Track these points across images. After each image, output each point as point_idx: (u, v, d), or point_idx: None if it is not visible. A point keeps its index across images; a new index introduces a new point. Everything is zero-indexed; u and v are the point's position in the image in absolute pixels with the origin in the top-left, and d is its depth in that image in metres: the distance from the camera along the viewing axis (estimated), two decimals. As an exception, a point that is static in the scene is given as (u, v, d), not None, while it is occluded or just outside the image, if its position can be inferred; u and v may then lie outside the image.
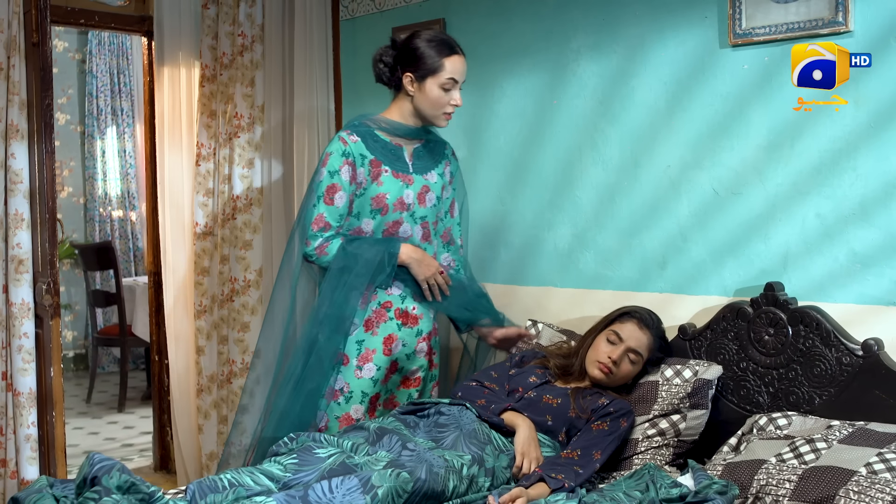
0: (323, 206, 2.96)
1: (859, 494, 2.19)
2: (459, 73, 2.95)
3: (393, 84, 3.03)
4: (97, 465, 2.09)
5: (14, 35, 3.57)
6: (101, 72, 7.25)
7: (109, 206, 7.34)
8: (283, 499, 2.13)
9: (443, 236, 3.20)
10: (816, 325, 2.66)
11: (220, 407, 4.21)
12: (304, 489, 2.18)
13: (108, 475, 2.05)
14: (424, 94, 2.95)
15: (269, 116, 4.14)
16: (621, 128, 3.16)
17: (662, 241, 3.08)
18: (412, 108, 3.01)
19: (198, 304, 4.18)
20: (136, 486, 2.05)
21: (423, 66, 2.93)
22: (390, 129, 3.04)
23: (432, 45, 2.94)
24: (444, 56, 2.93)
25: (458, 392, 2.91)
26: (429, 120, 3.02)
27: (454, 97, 2.96)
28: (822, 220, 2.71)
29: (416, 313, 3.07)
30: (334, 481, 2.19)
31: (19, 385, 3.60)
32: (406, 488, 2.25)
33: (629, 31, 3.12)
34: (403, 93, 3.00)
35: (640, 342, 2.83)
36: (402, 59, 2.98)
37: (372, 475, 2.23)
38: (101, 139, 7.29)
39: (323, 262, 2.98)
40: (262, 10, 4.10)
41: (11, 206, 3.60)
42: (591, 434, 2.68)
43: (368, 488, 2.19)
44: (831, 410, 2.61)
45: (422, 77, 2.94)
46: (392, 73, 3.01)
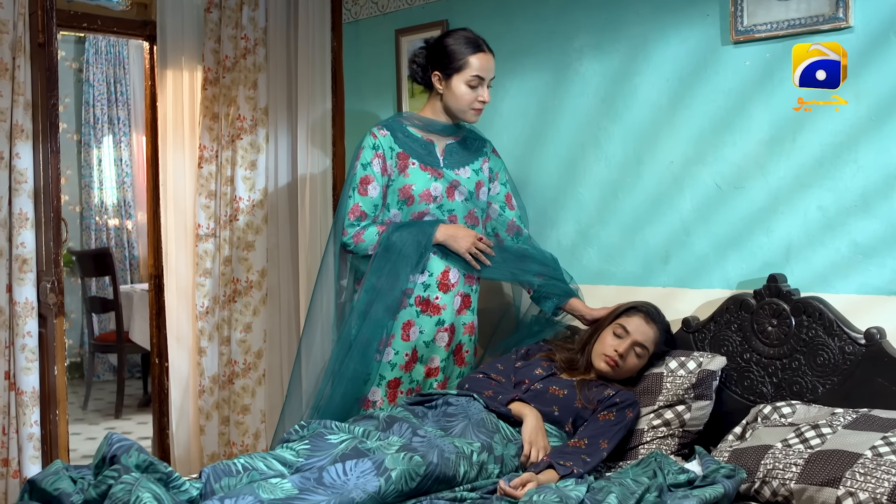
0: (358, 197, 3.07)
1: (865, 476, 2.23)
2: (485, 70, 3.06)
3: (425, 83, 3.16)
4: (115, 444, 2.11)
5: (19, 36, 3.59)
6: (98, 81, 7.27)
7: (105, 214, 7.35)
8: (299, 480, 2.15)
9: (508, 230, 3.27)
10: (819, 315, 2.70)
11: (221, 408, 4.22)
12: (319, 472, 2.20)
13: (127, 454, 2.07)
14: (451, 91, 3.08)
15: (271, 118, 4.18)
16: (624, 125, 3.21)
17: (665, 236, 3.12)
18: (442, 105, 3.13)
19: (199, 305, 4.19)
20: (154, 465, 2.07)
21: (450, 65, 3.06)
22: (423, 126, 3.17)
23: (458, 44, 3.06)
24: (470, 54, 3.04)
25: (465, 384, 2.94)
26: (458, 115, 3.13)
27: (481, 94, 3.07)
28: (824, 212, 2.75)
29: (439, 303, 3.10)
30: (348, 464, 2.21)
31: (22, 384, 3.60)
32: (419, 471, 2.27)
33: (631, 29, 3.17)
34: (435, 91, 3.13)
35: (646, 336, 2.87)
36: (432, 58, 3.11)
37: (385, 458, 2.25)
38: (98, 148, 7.31)
39: (361, 250, 3.06)
40: (264, 13, 4.14)
41: (16, 206, 3.61)
42: (597, 424, 2.71)
43: (382, 470, 2.21)
44: (835, 399, 2.65)
45: (448, 75, 3.07)
46: (424, 73, 3.14)
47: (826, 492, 2.26)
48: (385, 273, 3.02)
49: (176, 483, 2.09)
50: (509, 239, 3.25)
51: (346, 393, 3.01)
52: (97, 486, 2.04)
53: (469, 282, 3.17)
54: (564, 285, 3.17)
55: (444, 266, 3.10)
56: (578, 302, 3.15)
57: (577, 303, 3.14)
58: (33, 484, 2.12)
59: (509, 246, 3.22)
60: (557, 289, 3.15)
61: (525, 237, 3.28)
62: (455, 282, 3.12)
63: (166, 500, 1.98)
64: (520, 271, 3.17)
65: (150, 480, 2.00)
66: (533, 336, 3.22)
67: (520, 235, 3.27)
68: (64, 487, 2.06)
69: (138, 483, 1.97)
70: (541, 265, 3.17)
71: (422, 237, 3.04)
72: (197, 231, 4.19)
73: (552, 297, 3.16)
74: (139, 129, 7.47)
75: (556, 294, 3.15)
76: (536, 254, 3.22)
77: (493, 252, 3.12)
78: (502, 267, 3.16)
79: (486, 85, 3.08)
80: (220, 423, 4.22)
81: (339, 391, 3.01)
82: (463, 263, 3.11)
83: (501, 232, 3.26)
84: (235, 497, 2.05)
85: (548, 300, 3.17)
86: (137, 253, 7.46)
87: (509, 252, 3.20)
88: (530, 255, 3.20)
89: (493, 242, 3.16)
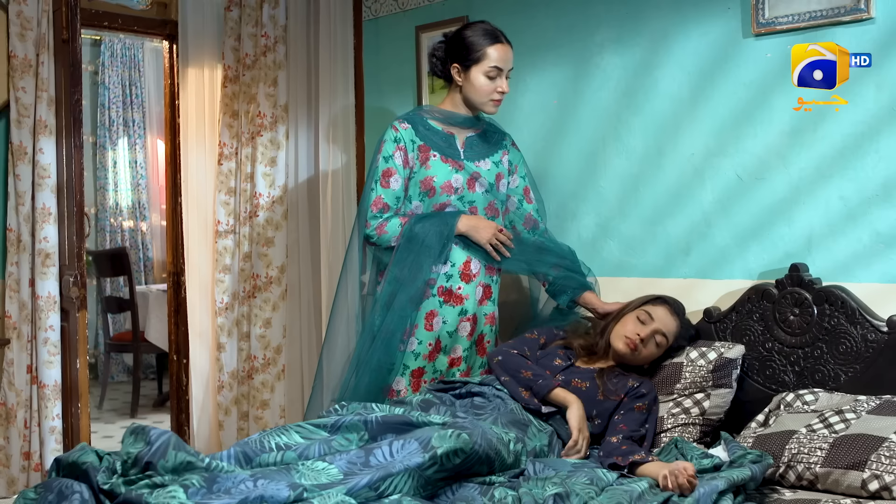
0: (380, 189, 3.10)
1: (891, 459, 2.24)
2: (503, 61, 3.08)
3: (445, 75, 3.20)
4: (155, 444, 2.01)
5: (43, 33, 3.64)
6: (114, 83, 7.32)
7: (120, 216, 7.39)
8: (345, 466, 2.15)
9: (525, 223, 3.29)
10: (842, 304, 2.71)
11: (240, 403, 4.25)
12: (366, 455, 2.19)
13: (164, 459, 1.99)
14: (470, 83, 3.11)
15: (291, 115, 4.21)
16: (645, 118, 3.23)
17: (686, 228, 3.14)
18: (462, 97, 3.16)
19: (219, 301, 4.23)
20: (191, 463, 2.04)
21: (469, 56, 3.09)
22: (443, 119, 3.20)
23: (477, 36, 3.09)
24: (488, 45, 3.07)
25: (499, 357, 2.92)
26: (477, 107, 3.16)
27: (500, 84, 3.09)
28: (846, 201, 2.77)
29: (462, 293, 3.13)
30: (395, 445, 2.20)
31: (44, 377, 3.64)
32: (465, 449, 2.22)
33: (652, 23, 3.20)
34: (454, 84, 3.16)
35: (669, 326, 2.88)
36: (451, 51, 3.14)
37: (432, 437, 2.22)
38: (113, 150, 7.35)
39: (383, 242, 3.09)
40: (284, 11, 4.18)
41: (39, 201, 3.65)
42: (634, 415, 2.74)
43: (428, 448, 2.18)
44: (857, 387, 2.66)
45: (467, 66, 3.10)
46: (443, 65, 3.18)
47: (851, 475, 2.28)
48: (408, 264, 3.05)
49: (218, 469, 2.07)
50: (526, 232, 3.27)
51: (371, 383, 3.03)
52: (127, 483, 1.98)
53: (490, 273, 3.20)
54: (581, 278, 3.18)
55: (466, 256, 3.12)
56: (592, 295, 3.16)
57: (590, 296, 3.16)
58: (59, 462, 2.12)
59: (527, 238, 3.25)
60: (573, 281, 3.17)
61: (542, 230, 3.30)
62: (477, 272, 3.15)
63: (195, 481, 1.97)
64: (537, 262, 3.19)
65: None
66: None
67: (536, 229, 3.29)
68: (92, 461, 2.05)
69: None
70: (558, 257, 3.19)
71: (444, 228, 3.07)
72: (216, 228, 4.22)
73: (567, 291, 3.17)
74: (154, 132, 7.52)
75: (572, 287, 3.17)
76: (553, 246, 3.24)
77: (512, 244, 3.15)
78: (520, 259, 3.18)
79: (505, 76, 3.11)
80: (238, 418, 4.24)
81: (364, 381, 3.03)
82: (484, 254, 3.13)
83: (519, 225, 3.28)
84: (268, 479, 2.04)
85: (563, 294, 3.19)
86: (152, 255, 7.50)
87: (527, 244, 3.22)
88: (547, 247, 3.23)
89: (512, 235, 3.19)
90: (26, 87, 3.63)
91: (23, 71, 3.61)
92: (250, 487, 1.98)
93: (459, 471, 2.25)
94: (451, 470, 2.22)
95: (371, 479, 2.08)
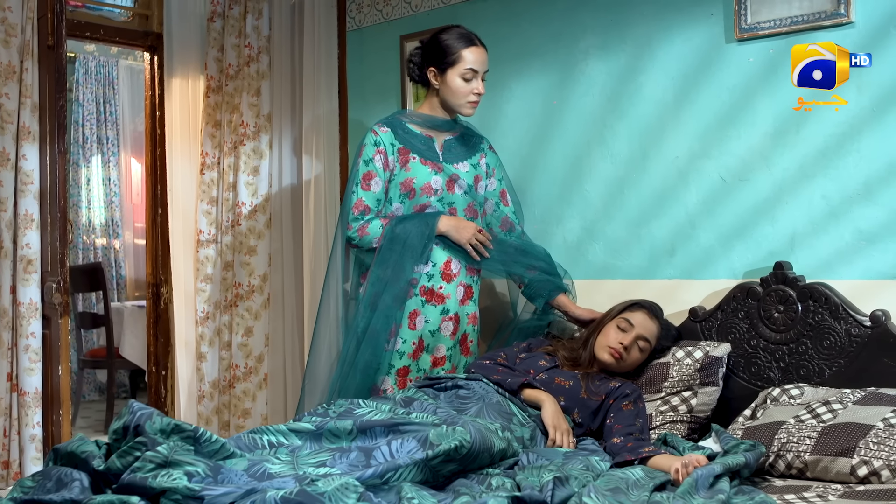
0: (361, 192, 3.15)
1: (879, 445, 2.29)
2: (479, 63, 3.14)
3: (422, 80, 3.25)
4: (138, 412, 2.09)
5: (28, 40, 3.64)
6: (88, 101, 7.28)
7: (93, 233, 7.33)
8: (346, 468, 2.14)
9: (502, 226, 3.34)
10: (825, 300, 2.77)
11: (221, 413, 4.23)
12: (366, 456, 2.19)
13: (150, 420, 2.05)
14: (447, 86, 3.16)
15: (275, 125, 4.23)
16: (629, 122, 3.29)
17: (671, 229, 3.19)
18: (439, 100, 3.22)
19: (200, 311, 4.21)
20: (179, 426, 2.06)
21: (444, 60, 3.14)
22: (422, 122, 3.25)
23: (452, 39, 3.15)
24: (463, 48, 3.13)
25: (472, 368, 2.98)
26: (455, 109, 3.21)
27: (476, 86, 3.14)
28: (828, 200, 2.84)
29: (444, 293, 3.16)
30: (394, 444, 2.21)
31: (25, 385, 3.60)
32: (464, 442, 2.22)
33: (637, 30, 3.27)
34: (432, 87, 3.21)
35: (650, 330, 2.92)
36: (427, 55, 3.20)
37: (429, 433, 2.22)
38: (87, 167, 7.29)
39: (365, 243, 3.13)
40: (268, 22, 4.21)
41: (21, 207, 3.63)
42: (624, 413, 2.76)
43: (428, 446, 2.18)
44: (841, 381, 2.71)
45: (443, 70, 3.15)
46: (420, 70, 3.23)
47: (840, 461, 2.32)
48: (391, 264, 3.09)
49: (205, 437, 2.08)
50: (502, 234, 3.33)
51: (359, 383, 3.05)
52: (122, 455, 2.00)
53: (470, 273, 3.25)
54: (557, 280, 3.23)
55: (447, 256, 3.17)
56: (565, 297, 3.22)
57: (563, 298, 3.22)
58: (58, 451, 2.11)
59: (504, 240, 3.30)
60: (549, 283, 3.22)
61: (518, 233, 3.35)
62: (457, 272, 3.19)
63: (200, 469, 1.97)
64: (514, 264, 3.24)
65: (180, 451, 1.98)
66: (528, 330, 3.27)
67: (513, 231, 3.35)
68: (91, 450, 2.05)
69: (173, 452, 1.96)
70: (534, 259, 3.25)
71: (425, 228, 3.11)
72: (198, 237, 4.22)
73: (543, 293, 3.22)
74: (128, 149, 7.47)
75: (547, 289, 3.22)
76: (529, 248, 3.30)
77: (491, 245, 3.20)
78: (497, 260, 3.23)
79: (481, 78, 3.17)
80: (220, 427, 4.22)
81: (353, 382, 3.05)
82: (464, 254, 3.18)
83: (496, 227, 3.34)
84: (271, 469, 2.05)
85: (539, 297, 3.24)
86: (125, 272, 7.43)
87: (505, 245, 3.27)
88: (524, 249, 3.28)
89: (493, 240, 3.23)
90: (10, 93, 3.62)
91: (6, 77, 3.60)
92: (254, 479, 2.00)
93: (463, 465, 2.26)
94: (458, 461, 2.22)
95: (376, 471, 2.08)
